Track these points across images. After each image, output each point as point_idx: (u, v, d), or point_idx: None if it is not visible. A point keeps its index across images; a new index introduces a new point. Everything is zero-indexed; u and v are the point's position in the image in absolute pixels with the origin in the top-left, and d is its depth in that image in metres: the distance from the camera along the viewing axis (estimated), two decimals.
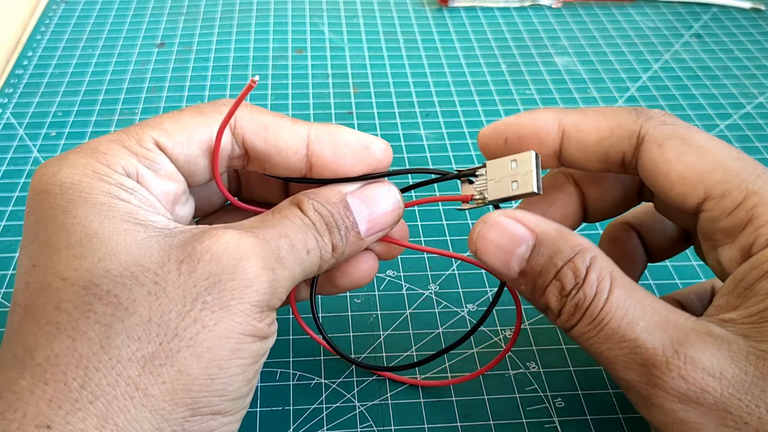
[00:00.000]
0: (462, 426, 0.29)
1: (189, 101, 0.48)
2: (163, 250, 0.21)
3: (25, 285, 0.21)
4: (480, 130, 0.27)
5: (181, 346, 0.20)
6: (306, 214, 0.24)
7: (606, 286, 0.22)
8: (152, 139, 0.23)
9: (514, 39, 0.56)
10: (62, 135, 0.45)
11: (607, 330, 0.22)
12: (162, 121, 0.24)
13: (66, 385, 0.19)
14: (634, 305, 0.22)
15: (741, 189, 0.22)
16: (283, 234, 0.23)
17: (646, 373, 0.21)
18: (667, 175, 0.24)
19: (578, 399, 0.30)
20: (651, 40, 0.56)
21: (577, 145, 0.25)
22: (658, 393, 0.21)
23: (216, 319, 0.21)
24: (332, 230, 0.24)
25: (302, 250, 0.23)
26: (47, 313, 0.20)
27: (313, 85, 0.50)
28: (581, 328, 0.23)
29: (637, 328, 0.22)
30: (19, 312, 0.21)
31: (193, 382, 0.20)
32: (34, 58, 0.53)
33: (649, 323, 0.22)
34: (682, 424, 0.21)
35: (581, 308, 0.22)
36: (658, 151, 0.24)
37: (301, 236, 0.23)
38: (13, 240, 0.38)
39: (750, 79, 0.52)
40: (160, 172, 0.24)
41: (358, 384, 0.31)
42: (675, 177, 0.23)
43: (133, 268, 0.21)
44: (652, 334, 0.21)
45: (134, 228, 0.22)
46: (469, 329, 0.30)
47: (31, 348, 0.20)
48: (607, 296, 0.22)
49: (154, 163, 0.23)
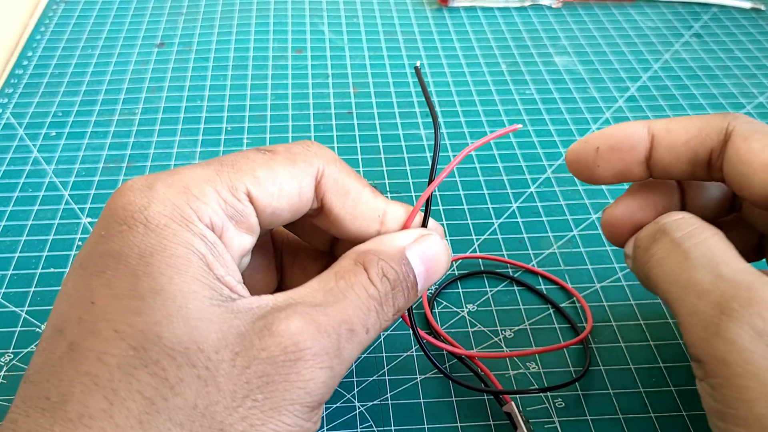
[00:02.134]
0: (462, 426, 0.29)
1: (189, 101, 0.48)
2: (221, 331, 0.20)
3: (77, 319, 0.20)
4: (569, 147, 0.28)
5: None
6: (373, 282, 0.23)
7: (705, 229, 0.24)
8: (245, 189, 0.23)
9: (514, 39, 0.56)
10: (62, 135, 0.45)
11: (694, 258, 0.23)
12: (255, 167, 0.23)
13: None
14: (728, 251, 0.23)
15: None
16: (345, 318, 0.22)
17: (721, 305, 0.22)
18: (751, 164, 0.24)
19: (578, 399, 0.30)
20: (651, 40, 0.56)
21: (667, 146, 0.26)
22: (730, 327, 0.21)
23: (264, 419, 0.20)
24: (397, 294, 0.24)
25: (362, 332, 0.22)
26: (88, 362, 0.19)
27: (313, 85, 0.50)
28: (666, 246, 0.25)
29: (725, 268, 0.23)
30: (62, 346, 0.20)
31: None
32: (33, 58, 0.53)
33: (738, 266, 0.23)
34: (747, 362, 0.21)
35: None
36: (743, 144, 0.25)
37: (363, 315, 0.22)
38: (13, 240, 0.38)
39: (750, 78, 0.52)
40: (242, 225, 0.23)
41: (358, 384, 0.31)
42: (758, 164, 0.24)
43: (188, 343, 0.20)
44: (739, 274, 0.22)
45: (202, 291, 0.21)
46: (469, 330, 0.30)
47: (66, 398, 0.19)
48: (705, 236, 0.24)
49: (240, 215, 0.23)
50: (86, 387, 0.19)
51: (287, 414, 0.20)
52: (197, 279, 0.21)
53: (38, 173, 0.42)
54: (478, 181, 0.42)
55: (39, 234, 0.38)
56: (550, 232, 0.39)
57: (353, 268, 0.23)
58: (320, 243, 0.29)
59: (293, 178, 0.24)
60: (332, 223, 0.25)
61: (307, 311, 0.21)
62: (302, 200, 0.24)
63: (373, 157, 0.44)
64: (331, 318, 0.22)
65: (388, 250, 0.24)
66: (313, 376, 0.21)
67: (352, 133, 0.46)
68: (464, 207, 0.40)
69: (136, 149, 0.44)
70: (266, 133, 0.46)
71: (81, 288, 0.21)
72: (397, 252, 0.24)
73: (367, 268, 0.23)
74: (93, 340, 0.19)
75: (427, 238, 0.25)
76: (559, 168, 0.43)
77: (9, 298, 0.34)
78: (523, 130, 0.46)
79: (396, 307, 0.24)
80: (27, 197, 0.40)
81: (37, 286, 0.35)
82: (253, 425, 0.20)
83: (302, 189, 0.24)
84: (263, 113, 0.47)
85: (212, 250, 0.22)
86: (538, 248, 0.38)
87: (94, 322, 0.20)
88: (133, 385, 0.19)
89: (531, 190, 0.41)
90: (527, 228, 0.39)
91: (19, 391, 0.20)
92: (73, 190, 0.41)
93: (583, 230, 0.39)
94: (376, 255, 0.24)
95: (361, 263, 0.23)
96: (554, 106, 0.49)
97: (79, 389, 0.19)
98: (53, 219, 0.39)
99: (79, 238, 0.38)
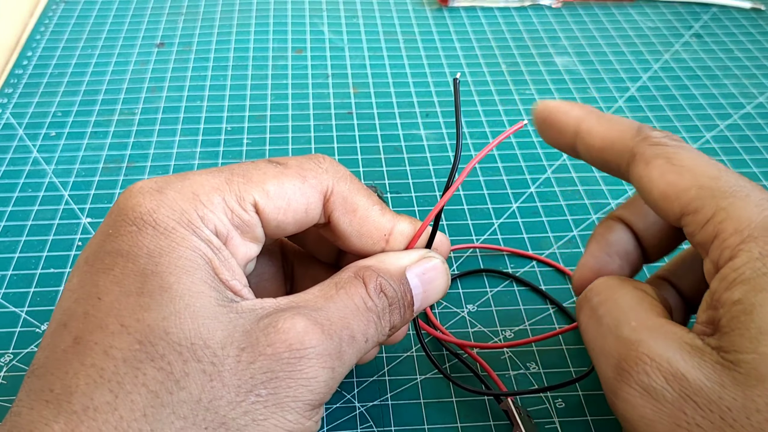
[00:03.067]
0: (462, 426, 0.29)
1: (188, 101, 0.48)
2: (227, 329, 0.21)
3: (83, 314, 0.20)
4: (539, 102, 0.29)
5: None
6: (371, 297, 0.23)
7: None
8: (253, 200, 0.23)
9: (514, 39, 0.56)
10: (62, 135, 0.45)
11: (604, 324, 0.24)
12: (265, 179, 0.23)
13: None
14: (636, 308, 0.24)
15: (711, 205, 0.23)
16: (346, 324, 0.22)
17: (616, 367, 0.23)
18: (651, 192, 0.25)
19: (578, 399, 0.30)
20: (651, 40, 0.56)
21: (585, 146, 0.27)
22: (623, 387, 0.22)
23: (267, 414, 0.20)
24: (393, 311, 0.24)
25: (361, 340, 0.23)
26: (94, 355, 0.19)
27: (313, 85, 0.50)
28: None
29: (626, 328, 0.24)
30: (67, 339, 0.20)
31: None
32: (33, 58, 0.53)
33: (640, 323, 0.23)
34: (641, 418, 0.22)
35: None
36: (644, 170, 0.25)
37: (362, 325, 0.23)
38: (13, 240, 0.38)
39: (750, 79, 0.52)
40: (247, 235, 0.23)
41: (359, 384, 0.31)
42: (657, 194, 0.25)
43: (194, 339, 0.20)
44: (636, 332, 0.23)
45: (208, 292, 0.21)
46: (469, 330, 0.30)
47: (70, 389, 0.19)
48: (615, 297, 0.25)
49: (246, 226, 0.23)
50: (91, 379, 0.19)
51: (290, 410, 0.21)
52: (204, 281, 0.21)
53: (38, 173, 0.42)
54: (478, 181, 0.42)
55: (39, 234, 0.38)
56: (550, 232, 0.39)
57: (352, 281, 0.24)
58: (326, 254, 0.29)
59: (302, 194, 0.24)
60: (338, 238, 0.25)
61: (311, 313, 0.22)
62: (309, 216, 0.24)
63: (373, 157, 0.44)
64: (333, 322, 0.22)
65: (389, 269, 0.24)
66: (317, 375, 0.21)
67: (352, 133, 0.46)
68: (464, 207, 0.40)
69: (136, 149, 0.44)
70: (266, 134, 0.46)
71: (87, 284, 0.21)
72: (397, 271, 0.25)
73: (366, 283, 0.24)
74: (99, 333, 0.20)
75: (428, 261, 0.25)
76: (559, 168, 0.43)
77: (9, 299, 0.34)
78: (524, 130, 0.46)
79: (392, 323, 0.24)
80: (27, 197, 0.40)
81: (37, 287, 0.35)
82: (255, 420, 0.20)
83: (309, 205, 0.24)
84: (263, 113, 0.47)
85: (218, 255, 0.22)
86: (538, 248, 0.38)
87: (101, 317, 0.20)
88: (139, 378, 0.19)
89: (531, 190, 0.41)
90: (527, 228, 0.39)
91: (23, 386, 0.20)
92: (73, 190, 0.41)
93: (583, 230, 0.39)
94: (376, 271, 0.24)
95: (360, 277, 0.24)
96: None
97: (84, 381, 0.19)
98: (53, 219, 0.39)
99: (79, 239, 0.38)
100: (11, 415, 0.19)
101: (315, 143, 0.45)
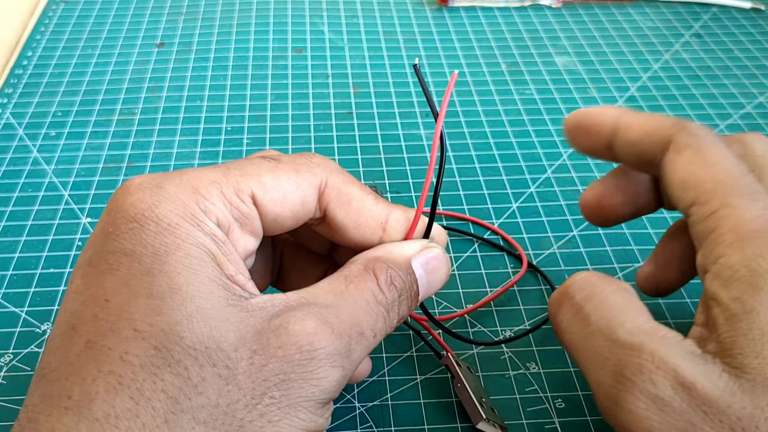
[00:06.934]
0: (462, 427, 0.29)
1: (188, 101, 0.48)
2: (239, 330, 0.21)
3: (92, 317, 0.20)
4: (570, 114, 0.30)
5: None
6: (382, 289, 0.23)
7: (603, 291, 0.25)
8: (251, 192, 0.23)
9: (514, 39, 0.56)
10: (62, 135, 0.45)
11: (593, 324, 0.24)
12: (261, 172, 0.23)
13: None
14: (626, 308, 0.24)
15: (719, 200, 0.23)
16: (356, 322, 0.22)
17: (617, 374, 0.22)
18: (672, 178, 0.25)
19: (578, 399, 0.30)
20: (651, 40, 0.56)
21: (624, 140, 0.28)
22: (627, 398, 0.22)
23: (281, 415, 0.20)
24: (402, 302, 0.24)
25: (370, 336, 0.23)
26: (110, 361, 0.19)
27: (313, 85, 0.50)
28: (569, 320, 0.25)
29: (621, 330, 0.23)
30: (78, 343, 0.20)
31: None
32: (33, 58, 0.53)
33: (635, 325, 0.23)
34: (647, 431, 0.21)
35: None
36: (674, 157, 0.26)
37: (371, 320, 0.23)
38: (13, 240, 0.38)
39: (750, 78, 0.52)
40: (247, 227, 0.23)
41: (359, 385, 0.31)
42: (677, 180, 0.25)
43: (208, 342, 0.20)
44: (633, 335, 0.22)
45: (217, 291, 0.21)
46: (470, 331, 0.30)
47: (90, 396, 0.19)
48: (603, 295, 0.24)
49: (245, 218, 0.23)
50: (111, 386, 0.19)
51: (302, 410, 0.21)
52: (212, 279, 0.21)
53: (38, 173, 0.42)
54: (478, 181, 0.42)
55: (39, 234, 0.38)
56: (550, 232, 0.39)
57: (363, 274, 0.24)
58: (319, 247, 0.29)
59: (297, 187, 0.24)
60: (335, 231, 0.25)
61: (320, 312, 0.22)
62: (305, 209, 0.24)
63: (373, 157, 0.44)
64: (343, 321, 0.22)
65: (396, 259, 0.25)
66: (327, 375, 0.21)
67: (352, 133, 0.46)
68: (464, 207, 0.40)
69: (136, 149, 0.44)
70: (266, 133, 0.46)
71: (93, 286, 0.21)
72: (404, 261, 0.25)
73: (377, 275, 0.24)
74: (113, 338, 0.19)
75: (431, 251, 0.26)
76: (559, 168, 0.43)
77: (9, 299, 0.34)
78: (523, 130, 0.46)
79: (400, 314, 0.24)
80: (27, 197, 0.40)
81: (37, 287, 0.35)
82: (271, 421, 0.20)
83: (305, 198, 0.24)
84: (263, 113, 0.47)
85: (222, 249, 0.22)
86: (538, 248, 0.38)
87: (111, 320, 0.20)
88: (158, 384, 0.19)
89: (531, 190, 0.41)
90: (527, 228, 0.39)
91: (33, 390, 0.20)
92: (72, 190, 0.41)
93: (583, 230, 0.39)
94: (385, 263, 0.24)
95: (371, 269, 0.24)
96: (554, 106, 0.49)
97: (104, 388, 0.19)
98: (53, 219, 0.39)
99: (79, 239, 0.38)
100: (25, 421, 0.19)
101: (315, 143, 0.45)
